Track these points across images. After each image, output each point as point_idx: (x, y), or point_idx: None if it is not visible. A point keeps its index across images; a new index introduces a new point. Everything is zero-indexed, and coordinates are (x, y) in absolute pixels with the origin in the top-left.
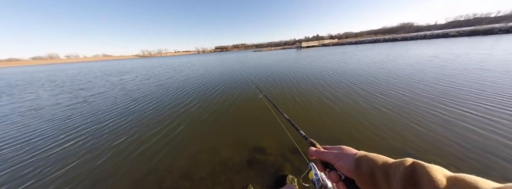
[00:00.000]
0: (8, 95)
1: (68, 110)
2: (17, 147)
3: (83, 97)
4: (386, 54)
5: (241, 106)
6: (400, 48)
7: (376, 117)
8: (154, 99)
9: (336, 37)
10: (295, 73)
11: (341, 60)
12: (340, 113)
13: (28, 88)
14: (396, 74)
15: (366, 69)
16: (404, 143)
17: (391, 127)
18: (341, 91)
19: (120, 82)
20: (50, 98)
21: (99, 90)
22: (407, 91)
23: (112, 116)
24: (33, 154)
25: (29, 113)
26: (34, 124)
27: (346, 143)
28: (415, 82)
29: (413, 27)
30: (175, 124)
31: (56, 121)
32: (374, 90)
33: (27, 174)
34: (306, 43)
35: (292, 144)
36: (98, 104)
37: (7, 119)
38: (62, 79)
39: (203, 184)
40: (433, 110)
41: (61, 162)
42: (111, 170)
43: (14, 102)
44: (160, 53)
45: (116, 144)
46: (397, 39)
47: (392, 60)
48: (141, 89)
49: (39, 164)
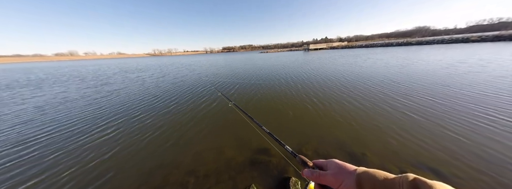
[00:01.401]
0: (37, 88)
1: (97, 103)
2: (54, 136)
3: (107, 91)
4: (402, 58)
5: (244, 107)
6: (416, 52)
7: (408, 125)
8: (173, 96)
9: (346, 39)
10: (309, 75)
11: (354, 63)
12: (365, 118)
13: (56, 82)
14: (420, 79)
15: (383, 73)
16: (452, 155)
17: (432, 137)
18: (363, 96)
19: (138, 78)
20: (78, 91)
21: (120, 85)
22: (438, 97)
23: (137, 110)
24: (73, 140)
25: (63, 105)
26: (68, 115)
27: (384, 154)
28: (444, 87)
29: (430, 31)
30: (185, 121)
31: (87, 112)
32: (399, 95)
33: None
34: (314, 46)
35: (297, 147)
36: (122, 99)
37: (46, 110)
38: (84, 75)
39: (207, 181)
40: (473, 120)
41: (93, 150)
42: (127, 161)
43: (46, 94)
44: (170, 52)
45: (144, 136)
46: (411, 43)
47: (411, 64)
48: (160, 86)
49: (74, 153)
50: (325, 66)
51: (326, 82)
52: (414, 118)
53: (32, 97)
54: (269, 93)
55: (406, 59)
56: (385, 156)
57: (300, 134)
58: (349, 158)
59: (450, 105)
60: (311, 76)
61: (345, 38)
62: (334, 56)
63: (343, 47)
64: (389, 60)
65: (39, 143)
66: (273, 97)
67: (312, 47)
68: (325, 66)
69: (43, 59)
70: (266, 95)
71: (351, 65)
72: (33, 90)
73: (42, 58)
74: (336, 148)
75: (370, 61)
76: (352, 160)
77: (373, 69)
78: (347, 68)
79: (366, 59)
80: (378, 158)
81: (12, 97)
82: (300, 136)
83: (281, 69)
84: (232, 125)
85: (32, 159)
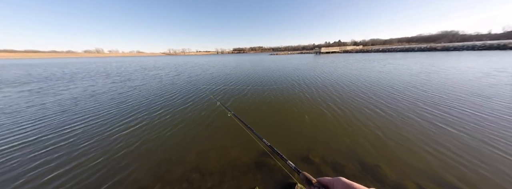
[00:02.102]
0: (70, 81)
1: (122, 97)
2: (84, 125)
3: (129, 87)
4: (428, 64)
5: (256, 108)
6: (443, 59)
7: (443, 138)
8: (189, 94)
9: (361, 43)
10: (323, 79)
11: (372, 67)
12: (390, 126)
13: (86, 77)
14: (453, 88)
15: (407, 80)
16: (506, 179)
17: (477, 156)
18: (388, 105)
19: (156, 76)
20: (105, 85)
21: (142, 82)
22: (480, 110)
23: (157, 106)
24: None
25: (93, 97)
26: (98, 107)
27: (405, 169)
28: (485, 99)
29: (458, 36)
30: (193, 118)
31: (114, 105)
32: (429, 104)
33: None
34: (326, 49)
35: (304, 153)
36: (143, 94)
37: (79, 101)
38: (109, 71)
39: (211, 179)
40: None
41: (122, 141)
42: (140, 154)
43: (78, 87)
44: (183, 52)
45: (164, 131)
46: (436, 49)
47: (438, 71)
48: (175, 84)
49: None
50: (339, 70)
51: (342, 87)
52: (451, 131)
53: (67, 88)
54: (281, 96)
55: (433, 65)
56: (405, 171)
57: (311, 140)
58: (360, 169)
59: (496, 121)
60: (326, 80)
61: (360, 42)
62: (348, 60)
63: (357, 51)
64: (412, 66)
65: (75, 131)
66: (286, 100)
67: (323, 50)
68: (339, 70)
69: (74, 55)
70: (279, 98)
71: (368, 70)
72: (66, 83)
73: (73, 54)
74: (349, 157)
75: (390, 67)
76: (363, 171)
77: (394, 75)
78: (364, 72)
79: (385, 64)
80: (395, 172)
81: (51, 88)
82: (311, 141)
83: (293, 71)
84: (238, 125)
85: (68, 145)
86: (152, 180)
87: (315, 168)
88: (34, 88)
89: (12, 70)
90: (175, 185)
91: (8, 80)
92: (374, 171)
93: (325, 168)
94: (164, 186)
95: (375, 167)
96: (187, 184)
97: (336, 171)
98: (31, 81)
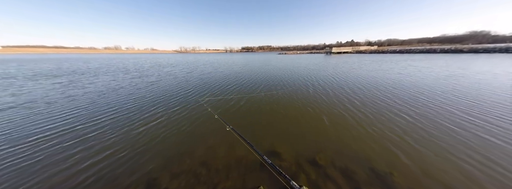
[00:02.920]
0: (94, 75)
1: (141, 92)
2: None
3: (148, 82)
4: (456, 67)
5: (265, 107)
6: (472, 61)
7: (488, 150)
8: (204, 91)
9: (376, 44)
10: (339, 80)
11: (389, 69)
12: (425, 136)
13: (107, 72)
14: (496, 95)
15: (434, 84)
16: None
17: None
18: (415, 110)
19: (170, 72)
20: (124, 80)
21: (159, 77)
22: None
23: (174, 102)
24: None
25: (115, 91)
26: (121, 101)
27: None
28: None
29: (489, 36)
30: (201, 115)
31: (137, 98)
32: (470, 113)
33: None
34: (338, 49)
35: (311, 154)
36: (161, 89)
37: (105, 94)
38: (127, 67)
39: (218, 175)
40: None
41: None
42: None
43: (101, 81)
44: (194, 50)
45: (183, 128)
46: (462, 51)
47: (470, 76)
48: (189, 81)
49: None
50: (354, 71)
51: (361, 89)
52: (496, 143)
53: (93, 82)
54: (294, 96)
55: (462, 68)
56: (446, 181)
57: (335, 143)
58: (373, 176)
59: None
60: (341, 81)
61: (375, 42)
62: (362, 61)
63: (371, 51)
64: (435, 69)
65: (103, 122)
66: (300, 101)
67: (335, 50)
68: (354, 71)
69: (95, 51)
70: (290, 98)
71: (387, 72)
72: (91, 77)
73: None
74: (385, 162)
75: (411, 69)
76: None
77: (418, 79)
78: (382, 74)
79: (406, 66)
80: (439, 184)
81: (79, 81)
82: (335, 145)
83: (303, 71)
84: (249, 124)
85: (100, 135)
86: (184, 175)
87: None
88: (64, 81)
89: (45, 64)
90: (206, 178)
91: (41, 73)
92: (386, 178)
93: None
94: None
95: (388, 174)
96: (205, 170)
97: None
98: (61, 74)
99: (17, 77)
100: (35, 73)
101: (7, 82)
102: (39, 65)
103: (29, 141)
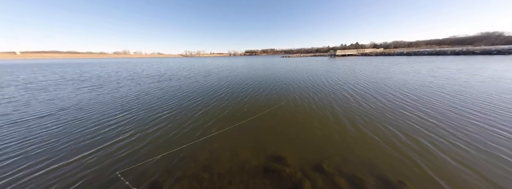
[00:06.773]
0: (117, 81)
1: (167, 97)
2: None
3: (171, 87)
4: (476, 68)
5: (268, 112)
6: (490, 63)
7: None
8: (226, 95)
9: (382, 46)
10: (354, 84)
11: (415, 70)
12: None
13: (129, 76)
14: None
15: (455, 89)
16: None
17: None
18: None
19: (188, 76)
20: (141, 83)
21: (178, 82)
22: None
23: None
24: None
25: (148, 95)
26: (149, 103)
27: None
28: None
29: (503, 37)
30: (207, 118)
31: (153, 98)
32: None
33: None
34: (342, 51)
35: (316, 159)
36: (185, 94)
37: (138, 97)
38: (146, 71)
39: (220, 180)
40: None
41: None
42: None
43: (127, 85)
44: (198, 54)
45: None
46: (474, 52)
47: (496, 81)
48: (197, 85)
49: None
50: (358, 74)
51: (373, 94)
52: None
53: (119, 87)
54: (299, 100)
55: (481, 69)
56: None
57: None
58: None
59: None
60: (347, 84)
61: (381, 44)
62: (374, 63)
63: (377, 54)
64: (468, 71)
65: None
66: (309, 106)
67: (339, 53)
68: (358, 74)
69: (106, 56)
70: (296, 103)
71: (410, 74)
72: (116, 83)
73: (105, 55)
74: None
75: (441, 71)
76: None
77: (449, 80)
78: (401, 76)
79: (434, 69)
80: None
81: (105, 85)
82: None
83: (307, 73)
84: (253, 128)
85: (157, 135)
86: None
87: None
88: (91, 86)
89: (66, 69)
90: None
91: (66, 78)
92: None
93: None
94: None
95: (398, 182)
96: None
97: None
98: (86, 79)
99: (91, 79)
100: (91, 76)
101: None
102: (63, 69)
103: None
